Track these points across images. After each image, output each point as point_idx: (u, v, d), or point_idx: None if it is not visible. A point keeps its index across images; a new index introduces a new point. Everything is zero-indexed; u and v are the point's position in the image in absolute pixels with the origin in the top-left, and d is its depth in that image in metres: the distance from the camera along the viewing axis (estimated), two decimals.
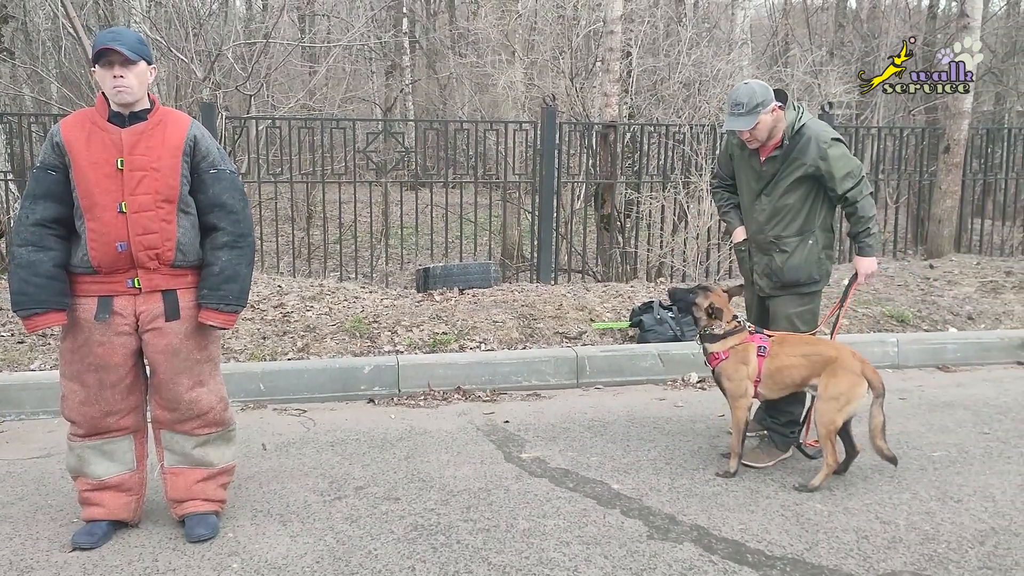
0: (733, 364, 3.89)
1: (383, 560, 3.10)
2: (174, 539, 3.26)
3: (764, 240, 4.08)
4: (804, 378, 3.84)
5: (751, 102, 3.80)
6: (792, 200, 3.97)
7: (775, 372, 3.86)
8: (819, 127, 3.94)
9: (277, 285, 6.86)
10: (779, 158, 3.94)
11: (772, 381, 3.88)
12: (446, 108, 18.02)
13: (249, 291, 3.32)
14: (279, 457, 4.17)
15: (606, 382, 5.48)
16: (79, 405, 3.18)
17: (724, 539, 3.28)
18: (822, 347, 3.88)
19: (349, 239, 9.14)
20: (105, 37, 3.05)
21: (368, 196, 8.60)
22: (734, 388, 3.91)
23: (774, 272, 4.06)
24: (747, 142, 3.98)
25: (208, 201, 3.21)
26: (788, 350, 3.87)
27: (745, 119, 3.82)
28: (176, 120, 3.19)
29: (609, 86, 8.75)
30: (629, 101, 10.06)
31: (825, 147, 3.86)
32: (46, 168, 3.10)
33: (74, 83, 11.28)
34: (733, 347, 3.91)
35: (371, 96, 19.63)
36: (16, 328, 5.62)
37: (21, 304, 3.06)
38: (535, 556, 3.13)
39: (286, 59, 11.69)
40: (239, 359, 5.33)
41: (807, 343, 3.93)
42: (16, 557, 3.11)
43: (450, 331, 5.83)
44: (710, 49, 10.15)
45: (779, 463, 4.07)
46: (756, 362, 3.87)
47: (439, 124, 9.02)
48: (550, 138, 7.80)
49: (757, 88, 3.85)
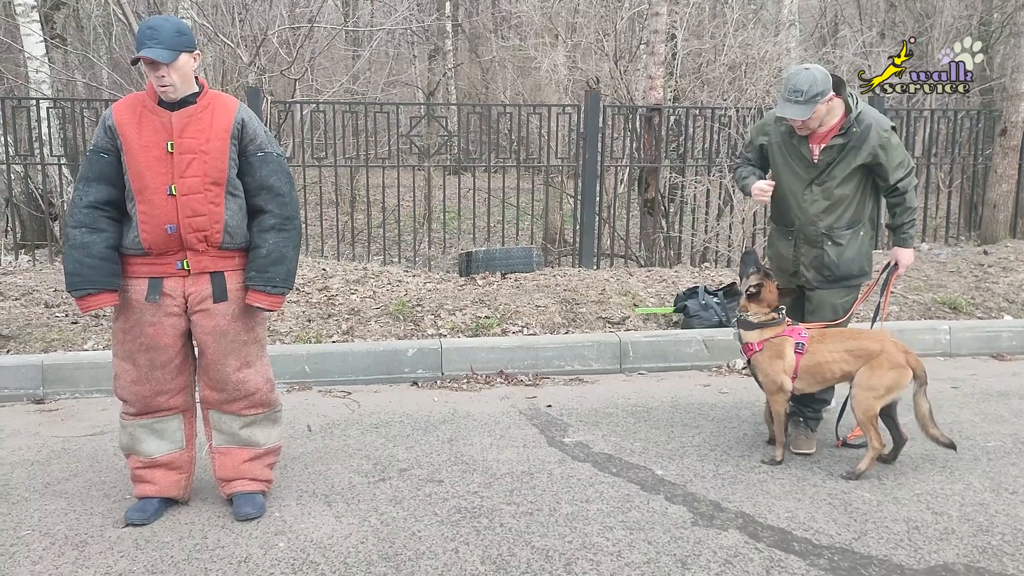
0: (767, 358, 3.80)
1: (427, 542, 3.12)
2: (222, 517, 3.32)
3: (816, 232, 3.94)
4: (846, 373, 3.75)
5: (811, 91, 3.63)
6: (847, 190, 3.88)
7: (814, 367, 3.76)
8: (877, 115, 3.84)
9: (322, 268, 6.91)
10: (838, 147, 3.81)
11: (811, 376, 3.79)
12: (488, 92, 17.97)
13: (295, 274, 3.35)
14: (324, 438, 4.21)
15: (650, 368, 5.45)
16: (131, 384, 3.24)
17: (770, 527, 3.24)
18: (865, 341, 3.78)
19: (392, 223, 9.18)
20: (143, 37, 3.04)
21: (411, 180, 8.62)
22: (768, 383, 3.83)
23: (826, 266, 3.95)
24: (797, 129, 3.85)
25: (255, 184, 3.24)
26: (829, 346, 3.76)
27: (803, 107, 3.66)
28: (224, 103, 3.22)
29: (654, 68, 8.63)
30: (673, 84, 9.93)
31: (886, 136, 3.76)
32: (99, 151, 3.15)
33: (124, 69, 11.44)
34: (768, 340, 3.80)
35: (414, 80, 19.66)
36: (70, 309, 5.75)
37: (75, 284, 3.12)
38: (578, 540, 3.12)
39: (330, 43, 11.74)
40: (285, 341, 5.39)
41: (849, 337, 3.83)
42: (71, 532, 3.19)
43: (492, 315, 5.83)
44: (757, 31, 9.97)
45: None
46: (793, 358, 3.76)
47: (482, 108, 9.00)
48: (593, 121, 7.74)
49: (819, 76, 3.66)
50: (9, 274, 6.72)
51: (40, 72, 9.93)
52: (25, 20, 9.90)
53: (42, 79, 9.96)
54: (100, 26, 14.03)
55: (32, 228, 9.52)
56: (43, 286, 6.22)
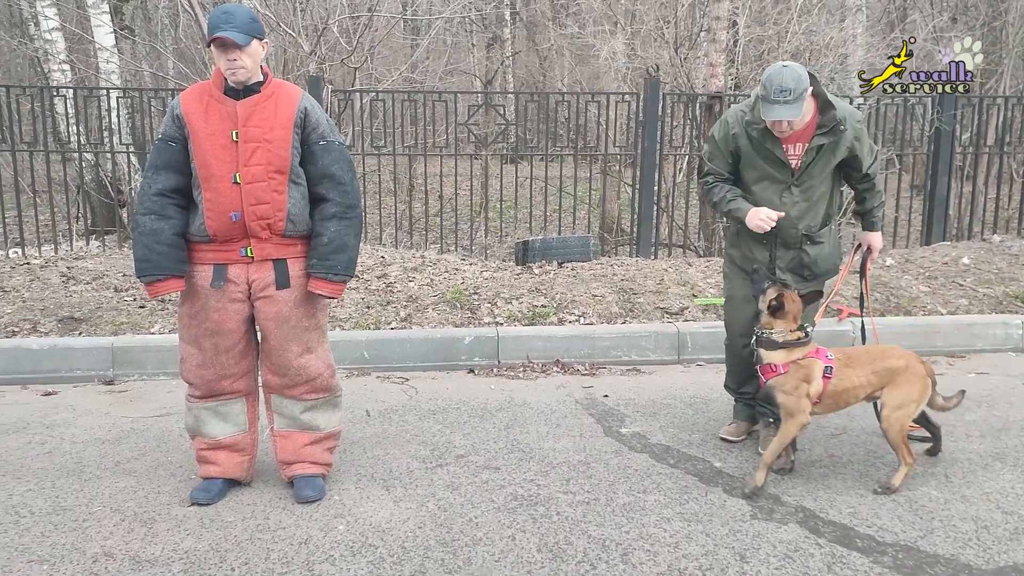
0: (794, 379, 3.43)
1: (484, 528, 3.13)
2: (283, 499, 3.38)
3: (795, 235, 3.69)
4: (870, 395, 3.53)
5: (799, 87, 3.34)
6: (824, 188, 3.68)
7: (841, 393, 3.50)
8: (848, 107, 3.62)
9: (380, 256, 6.98)
10: (818, 147, 3.54)
11: (834, 401, 3.52)
12: (546, 80, 17.90)
13: (356, 261, 3.38)
14: (382, 424, 4.26)
15: (708, 359, 5.38)
16: (196, 368, 3.32)
17: (831, 522, 3.18)
18: (890, 359, 3.51)
19: (449, 212, 9.23)
20: (217, 20, 3.09)
21: (468, 169, 8.64)
22: (791, 404, 3.44)
23: (806, 266, 3.74)
24: (778, 132, 3.52)
25: (318, 172, 3.27)
26: (857, 371, 3.49)
27: (793, 107, 3.36)
28: (288, 92, 3.26)
29: (715, 56, 8.49)
30: (735, 72, 9.77)
31: (860, 127, 3.58)
32: (167, 139, 3.22)
33: (189, 59, 11.69)
34: (796, 361, 3.45)
35: (471, 69, 19.68)
36: (138, 293, 5.91)
37: (144, 270, 3.19)
38: (635, 531, 3.11)
39: (389, 32, 11.81)
40: (344, 327, 5.46)
41: (875, 358, 3.54)
42: (140, 509, 3.29)
43: (549, 304, 5.82)
44: (822, 16, 9.74)
45: None
46: (821, 383, 3.45)
47: (540, 96, 8.96)
48: (652, 109, 7.65)
49: (801, 72, 3.39)
50: (81, 259, 6.92)
51: (110, 63, 10.20)
52: (96, 11, 10.18)
53: (111, 69, 10.22)
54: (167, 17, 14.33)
55: (102, 214, 9.83)
56: (112, 271, 6.40)
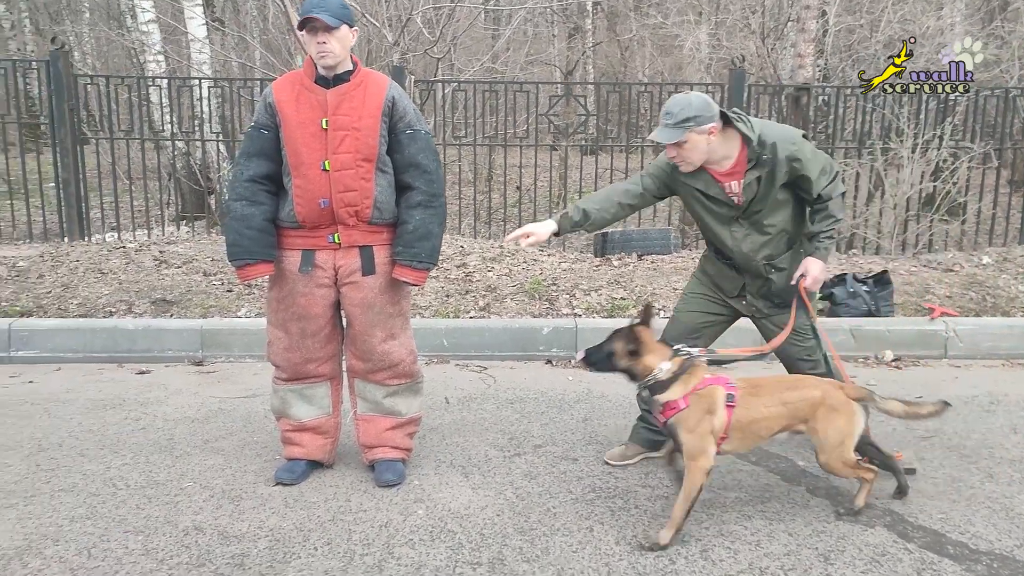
0: (696, 414, 3.00)
1: (562, 519, 3.13)
2: (364, 482, 3.44)
3: (757, 266, 3.44)
4: (784, 427, 3.11)
5: (681, 114, 3.15)
6: (782, 218, 3.39)
7: (749, 425, 3.05)
8: (780, 129, 3.33)
9: (459, 246, 7.03)
10: (755, 180, 3.29)
11: (743, 435, 3.07)
12: (626, 71, 17.75)
13: (440, 250, 3.41)
14: (461, 411, 4.30)
15: None
16: (283, 351, 3.40)
17: (921, 527, 3.08)
18: (803, 390, 3.14)
19: (527, 202, 9.23)
20: (310, 4, 3.16)
21: (547, 160, 8.63)
22: (692, 445, 2.98)
23: (775, 294, 3.50)
24: (673, 158, 3.31)
25: (404, 161, 3.31)
26: (764, 400, 3.08)
27: (670, 131, 3.18)
28: (376, 81, 3.30)
29: (803, 46, 8.27)
30: (823, 62, 9.51)
31: (795, 147, 3.24)
32: (259, 127, 3.29)
33: (275, 49, 11.97)
34: (694, 391, 3.03)
35: (552, 59, 19.62)
36: (225, 277, 6.09)
37: (235, 255, 3.28)
38: (715, 527, 3.07)
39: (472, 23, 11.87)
40: (424, 315, 5.52)
41: (787, 387, 3.17)
42: (228, 486, 3.40)
43: (628, 296, 5.77)
44: (918, 5, 9.38)
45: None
46: (725, 414, 3.02)
47: (621, 87, 8.88)
48: (736, 100, 7.50)
49: (696, 102, 3.18)
50: (172, 243, 7.17)
51: (202, 53, 10.51)
52: (189, 4, 10.50)
53: (203, 60, 10.54)
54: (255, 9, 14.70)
55: (191, 201, 10.15)
56: (201, 255, 6.61)
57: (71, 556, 2.84)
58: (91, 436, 3.93)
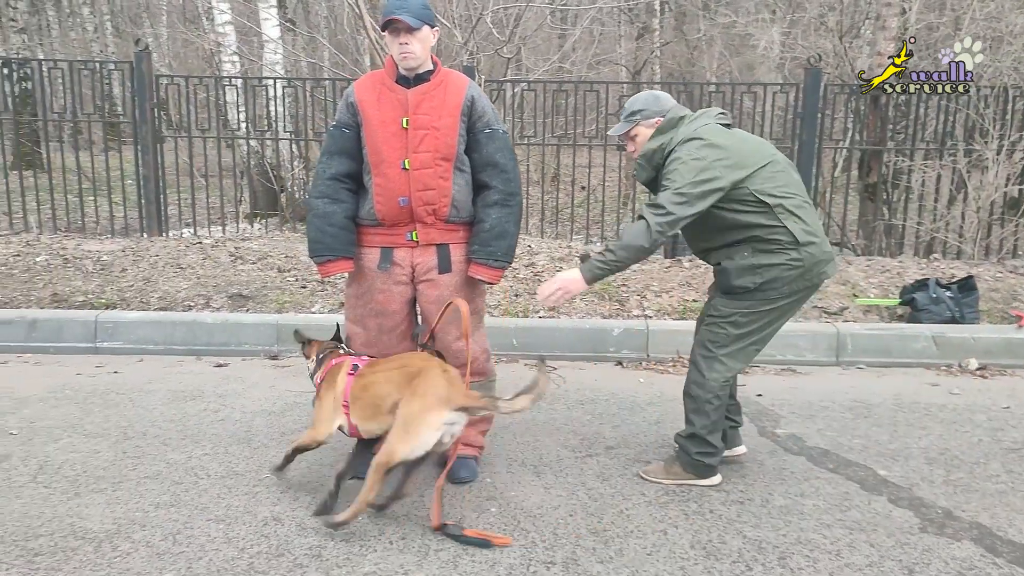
0: (326, 384, 3.23)
1: (635, 521, 3.11)
2: None
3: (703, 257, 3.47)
4: (394, 400, 2.98)
5: (628, 108, 3.34)
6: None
7: (366, 389, 3.08)
8: (682, 133, 3.20)
9: (527, 245, 7.04)
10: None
11: (362, 403, 3.08)
12: (694, 71, 17.52)
13: (515, 249, 3.42)
14: (531, 411, 4.27)
15: (869, 362, 5.14)
16: (361, 347, 3.45)
17: (1011, 542, 2.97)
18: (414, 359, 3.12)
19: (594, 202, 9.19)
20: (393, 5, 3.19)
21: (615, 161, 8.57)
22: (316, 412, 3.25)
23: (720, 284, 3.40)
24: (634, 156, 3.40)
25: (482, 160, 3.33)
26: (381, 365, 3.14)
27: (620, 124, 3.37)
28: (456, 81, 3.33)
29: (883, 44, 8.07)
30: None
31: (676, 152, 3.15)
32: (341, 126, 3.35)
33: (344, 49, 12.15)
34: (329, 368, 3.27)
35: (619, 59, 19.50)
36: (299, 274, 6.20)
37: (317, 251, 3.34)
38: (793, 535, 3.01)
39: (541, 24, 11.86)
40: (493, 314, 5.54)
41: (401, 358, 3.18)
42: (304, 479, 3.46)
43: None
44: (1006, 3, 9.05)
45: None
46: (346, 381, 3.15)
47: (690, 86, 8.78)
48: (812, 101, 7.33)
49: (643, 96, 3.36)
50: (246, 240, 7.34)
51: (276, 54, 10.72)
52: (264, 5, 10.72)
53: (276, 60, 10.75)
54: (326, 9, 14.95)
55: (264, 199, 10.36)
56: (275, 252, 6.74)
57: (157, 541, 2.92)
58: (173, 426, 4.04)
